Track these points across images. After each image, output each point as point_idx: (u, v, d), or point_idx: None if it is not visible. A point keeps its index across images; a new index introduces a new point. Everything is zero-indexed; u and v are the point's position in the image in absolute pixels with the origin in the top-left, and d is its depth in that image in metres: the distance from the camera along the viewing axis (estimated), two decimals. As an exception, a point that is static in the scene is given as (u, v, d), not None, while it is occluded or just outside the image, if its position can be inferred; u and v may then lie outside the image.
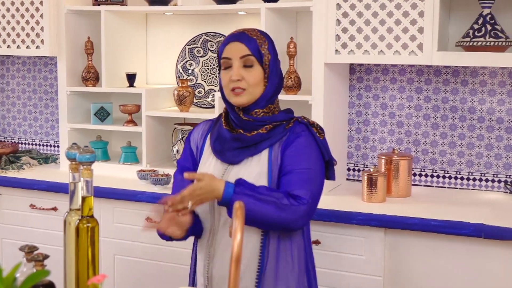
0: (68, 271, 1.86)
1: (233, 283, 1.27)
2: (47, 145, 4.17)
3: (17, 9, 3.66)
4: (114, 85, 3.64)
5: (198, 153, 2.27)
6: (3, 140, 4.29)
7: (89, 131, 3.74)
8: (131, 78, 3.63)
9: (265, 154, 2.13)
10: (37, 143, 4.20)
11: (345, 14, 3.01)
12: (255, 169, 2.12)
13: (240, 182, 2.05)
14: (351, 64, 3.40)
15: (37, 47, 3.64)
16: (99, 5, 3.63)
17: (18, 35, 3.68)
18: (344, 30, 3.02)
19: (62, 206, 3.39)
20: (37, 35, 3.62)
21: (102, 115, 3.64)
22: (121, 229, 3.25)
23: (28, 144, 4.22)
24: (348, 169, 3.45)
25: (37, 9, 3.61)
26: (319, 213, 2.76)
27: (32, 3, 3.62)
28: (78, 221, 1.82)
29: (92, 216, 1.82)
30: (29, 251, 1.79)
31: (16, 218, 3.53)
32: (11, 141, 4.24)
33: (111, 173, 3.51)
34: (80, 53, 3.72)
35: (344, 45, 3.02)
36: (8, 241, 3.55)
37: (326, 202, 2.85)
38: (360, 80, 3.41)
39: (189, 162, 2.28)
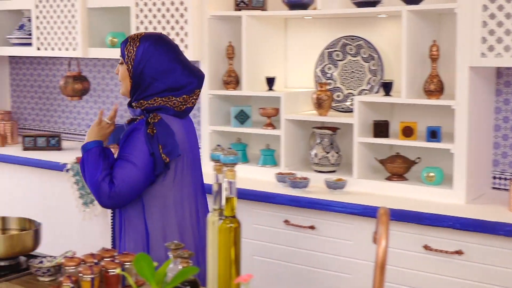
0: (210, 270, 1.91)
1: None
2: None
3: (163, 16, 3.81)
4: (254, 89, 3.70)
5: None
6: (148, 141, 4.48)
7: (229, 134, 3.83)
8: (270, 81, 3.68)
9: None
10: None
11: (492, 16, 2.89)
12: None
13: (104, 147, 2.40)
14: (498, 68, 3.26)
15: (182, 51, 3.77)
16: (240, 10, 3.71)
17: (164, 40, 3.83)
18: (491, 33, 2.89)
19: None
20: (182, 40, 3.76)
21: (242, 118, 3.71)
22: (259, 231, 3.30)
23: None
24: (494, 177, 3.30)
25: (181, 15, 3.75)
26: (461, 222, 2.67)
27: (177, 10, 3.76)
28: (221, 221, 1.86)
29: (234, 217, 1.86)
30: (176, 248, 1.86)
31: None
32: (155, 142, 4.41)
33: (250, 175, 3.57)
34: (221, 58, 3.82)
35: (491, 48, 2.90)
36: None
37: (469, 211, 2.74)
38: (507, 85, 3.26)
39: None
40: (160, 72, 2.41)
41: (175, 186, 2.41)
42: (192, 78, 2.46)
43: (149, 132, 2.32)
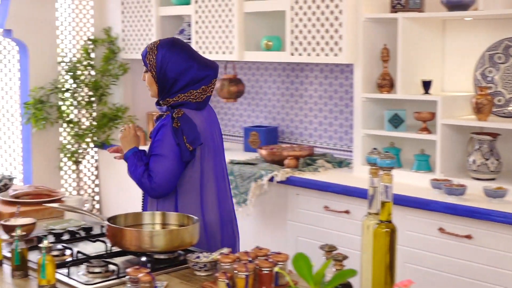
0: (364, 274, 1.88)
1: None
2: (340, 150, 4.29)
3: (318, 19, 3.82)
4: (409, 92, 3.62)
5: None
6: (300, 143, 4.52)
7: (382, 138, 3.77)
8: (426, 85, 3.58)
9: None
10: (331, 147, 4.35)
11: None
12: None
13: (137, 150, 2.78)
14: None
15: (335, 54, 3.76)
16: (396, 12, 3.64)
17: (317, 43, 3.84)
18: None
19: (354, 209, 3.47)
20: (336, 43, 3.75)
21: (396, 121, 3.64)
22: (412, 237, 3.22)
23: (323, 148, 4.39)
24: None
25: (336, 18, 3.74)
26: None
27: (331, 12, 3.76)
28: (376, 225, 1.83)
29: (390, 222, 1.82)
30: (329, 250, 1.85)
31: (311, 218, 3.69)
32: (307, 145, 4.44)
33: (403, 180, 3.49)
34: (375, 60, 3.77)
35: None
36: (302, 239, 3.73)
37: None
38: None
39: None
40: (179, 72, 2.73)
41: (200, 170, 2.73)
42: (208, 70, 2.77)
43: (175, 125, 2.67)
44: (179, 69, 2.73)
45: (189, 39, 4.68)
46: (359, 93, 3.74)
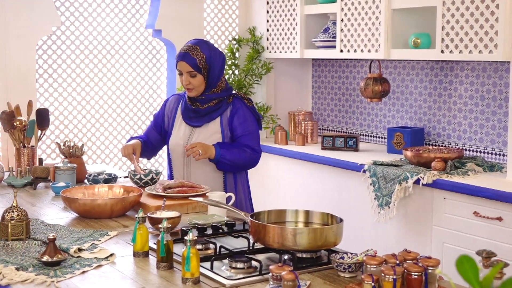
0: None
1: None
2: (492, 153, 4.05)
3: (472, 14, 3.62)
4: None
5: (170, 120, 3.43)
6: (448, 145, 4.32)
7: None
8: None
9: (217, 120, 3.29)
10: (482, 150, 4.12)
11: None
12: (211, 130, 3.28)
13: (221, 144, 3.23)
14: None
15: (490, 51, 3.55)
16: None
17: (471, 40, 3.64)
18: None
19: (508, 216, 3.25)
20: (491, 39, 3.53)
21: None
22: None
23: (473, 151, 4.17)
24: None
25: (492, 13, 3.53)
26: None
27: (487, 7, 3.54)
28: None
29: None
30: (487, 256, 1.71)
31: (459, 224, 3.50)
32: (455, 147, 4.24)
33: None
34: (534, 58, 3.52)
35: None
36: (449, 246, 3.54)
37: None
38: None
39: (160, 117, 3.48)
40: (220, 65, 3.28)
41: None
42: (224, 55, 3.34)
43: (249, 104, 3.32)
44: (219, 63, 3.26)
45: (334, 37, 4.61)
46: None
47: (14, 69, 4.44)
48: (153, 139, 3.48)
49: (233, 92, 3.36)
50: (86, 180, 3.54)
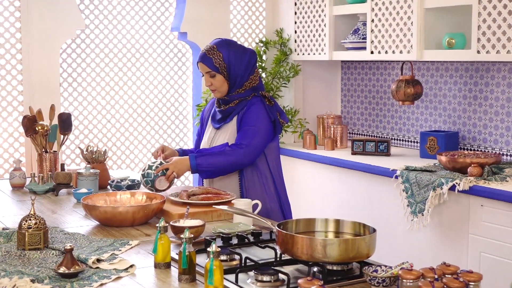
0: None
1: None
2: (530, 158, 3.88)
3: (509, 12, 3.46)
4: None
5: (205, 125, 3.36)
6: (484, 150, 4.15)
7: None
8: None
9: (234, 120, 3.16)
10: (520, 155, 3.94)
11: None
12: (230, 131, 3.16)
13: (197, 152, 3.14)
14: None
15: (529, 51, 3.38)
16: None
17: (508, 39, 3.48)
18: None
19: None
20: (530, 38, 3.37)
21: None
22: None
23: (511, 155, 3.99)
24: None
25: (531, 11, 3.36)
26: None
27: (526, 5, 3.38)
28: None
29: None
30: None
31: (497, 232, 3.33)
32: (493, 151, 4.06)
33: None
34: None
35: None
36: (486, 255, 3.38)
37: None
38: None
39: (200, 127, 3.41)
40: (243, 61, 3.12)
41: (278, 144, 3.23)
42: (253, 54, 3.16)
43: (268, 103, 3.12)
44: (244, 61, 3.11)
45: (364, 38, 4.47)
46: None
47: (37, 73, 4.38)
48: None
49: (260, 92, 3.17)
50: (108, 186, 3.44)
